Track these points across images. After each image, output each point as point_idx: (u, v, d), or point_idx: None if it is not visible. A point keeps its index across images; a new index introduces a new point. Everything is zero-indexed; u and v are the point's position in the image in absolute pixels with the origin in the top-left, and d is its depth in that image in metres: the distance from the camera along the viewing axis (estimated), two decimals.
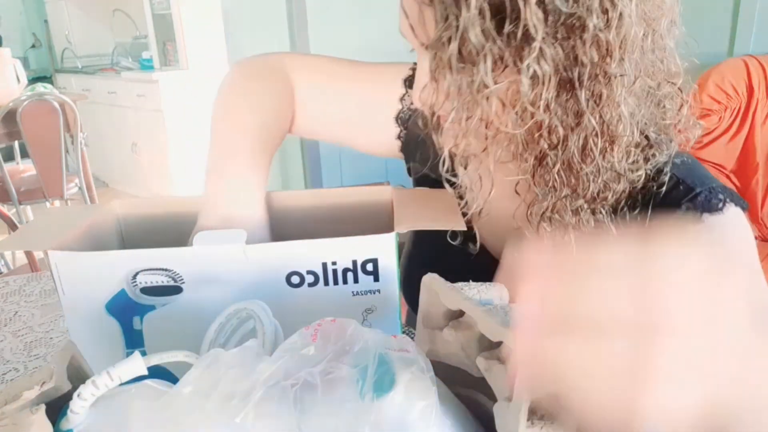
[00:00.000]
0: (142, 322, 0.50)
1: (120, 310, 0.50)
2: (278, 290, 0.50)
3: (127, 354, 0.51)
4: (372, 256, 0.49)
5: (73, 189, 2.79)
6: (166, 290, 0.50)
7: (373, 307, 0.51)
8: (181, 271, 0.49)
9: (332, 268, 0.50)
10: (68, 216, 0.56)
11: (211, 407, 0.32)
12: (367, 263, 0.50)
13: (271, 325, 0.45)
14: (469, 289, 0.39)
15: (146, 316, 0.50)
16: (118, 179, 4.39)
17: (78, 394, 0.34)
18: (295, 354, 0.34)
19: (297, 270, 0.50)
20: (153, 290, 0.50)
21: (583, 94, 0.46)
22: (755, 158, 1.65)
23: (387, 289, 0.51)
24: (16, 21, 4.98)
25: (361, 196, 0.61)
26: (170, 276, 0.49)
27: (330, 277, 0.50)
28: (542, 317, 0.27)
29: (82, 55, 4.65)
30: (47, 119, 2.57)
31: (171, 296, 0.50)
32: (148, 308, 0.50)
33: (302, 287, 0.50)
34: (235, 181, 0.59)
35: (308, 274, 0.50)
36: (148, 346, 0.51)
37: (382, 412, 0.32)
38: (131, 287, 0.49)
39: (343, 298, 0.51)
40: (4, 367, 0.68)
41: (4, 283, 0.91)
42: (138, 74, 3.80)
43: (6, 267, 2.08)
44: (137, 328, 0.51)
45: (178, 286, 0.50)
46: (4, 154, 2.70)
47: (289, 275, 0.50)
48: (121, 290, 0.49)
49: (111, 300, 0.49)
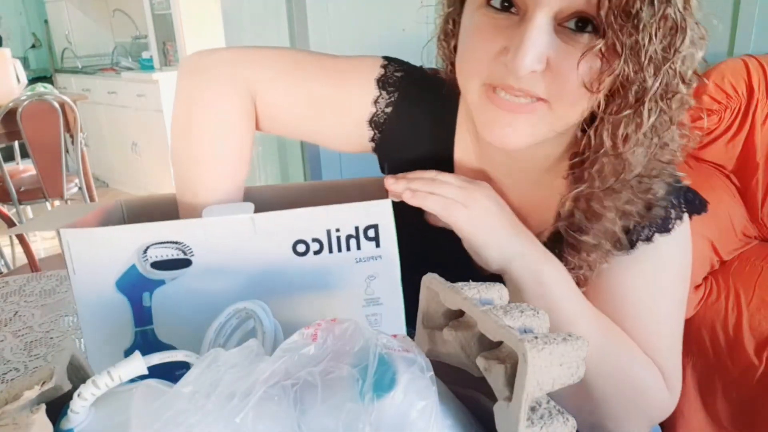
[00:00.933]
0: (152, 298, 0.51)
1: (130, 286, 0.51)
2: (285, 259, 0.52)
3: (136, 333, 0.52)
4: (373, 221, 0.52)
5: (73, 189, 2.78)
6: (176, 263, 0.51)
7: (376, 274, 0.53)
8: (190, 243, 0.50)
9: (336, 235, 0.52)
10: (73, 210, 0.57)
11: (212, 407, 0.32)
12: (368, 229, 0.52)
13: (270, 324, 0.45)
14: (469, 289, 0.39)
15: (156, 291, 0.51)
16: (118, 179, 4.39)
17: (78, 393, 0.34)
18: (296, 354, 0.34)
19: (303, 238, 0.52)
20: (163, 264, 0.51)
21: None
22: (755, 158, 1.65)
23: (388, 255, 0.53)
24: (16, 21, 4.98)
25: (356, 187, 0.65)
26: (180, 249, 0.50)
27: (334, 245, 0.52)
28: None
29: (82, 55, 4.65)
30: (47, 119, 2.57)
31: (181, 270, 0.51)
32: (158, 283, 0.51)
33: (308, 255, 0.52)
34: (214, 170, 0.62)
35: (313, 242, 0.52)
36: (157, 323, 0.52)
37: (382, 412, 0.32)
38: (142, 262, 0.50)
39: (348, 265, 0.53)
40: (5, 367, 0.68)
41: (4, 283, 0.91)
42: (138, 74, 3.80)
43: (6, 267, 2.08)
44: (147, 304, 0.51)
45: (187, 259, 0.51)
46: (4, 154, 2.70)
47: (295, 244, 0.52)
48: (132, 266, 0.50)
49: (122, 277, 0.50)
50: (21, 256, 2.58)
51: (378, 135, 0.68)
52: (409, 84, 0.66)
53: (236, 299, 0.47)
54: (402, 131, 0.67)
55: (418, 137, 0.68)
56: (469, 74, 0.54)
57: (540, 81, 0.50)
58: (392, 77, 0.67)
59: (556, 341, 0.33)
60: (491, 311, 0.36)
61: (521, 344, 0.32)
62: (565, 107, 0.52)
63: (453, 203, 0.57)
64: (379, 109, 0.67)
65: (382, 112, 0.67)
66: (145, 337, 0.52)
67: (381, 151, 0.70)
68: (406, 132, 0.67)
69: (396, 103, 0.66)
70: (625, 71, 0.48)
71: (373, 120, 0.67)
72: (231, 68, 0.63)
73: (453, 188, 0.57)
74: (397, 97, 0.66)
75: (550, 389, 0.33)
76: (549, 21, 0.48)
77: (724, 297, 1.43)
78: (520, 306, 0.37)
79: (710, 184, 1.65)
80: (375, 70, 0.67)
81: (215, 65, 0.63)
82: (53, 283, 0.91)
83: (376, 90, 0.66)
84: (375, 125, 0.67)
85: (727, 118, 1.68)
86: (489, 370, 0.35)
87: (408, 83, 0.66)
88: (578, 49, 0.48)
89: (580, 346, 0.34)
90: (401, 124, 0.67)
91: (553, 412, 0.33)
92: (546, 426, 0.33)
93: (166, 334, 0.52)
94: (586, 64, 0.48)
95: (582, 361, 0.34)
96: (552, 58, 0.49)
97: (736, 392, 1.39)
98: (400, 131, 0.67)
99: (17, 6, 4.98)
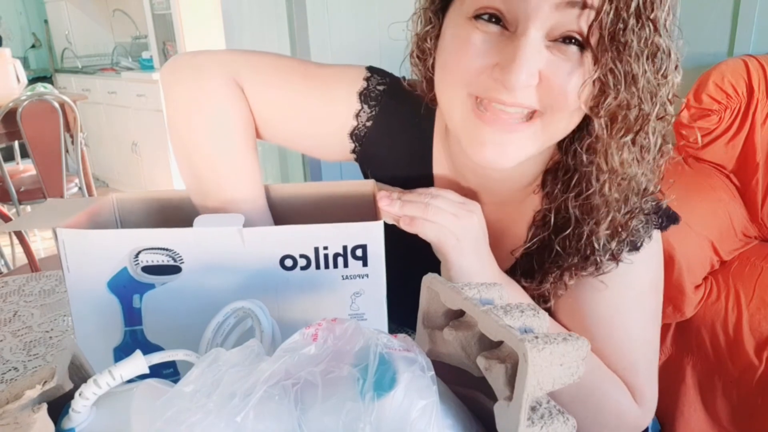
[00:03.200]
0: (142, 300, 0.52)
1: (121, 287, 0.52)
2: (272, 273, 0.52)
3: (125, 332, 0.53)
4: (362, 242, 0.52)
5: (73, 189, 2.79)
6: (166, 269, 0.52)
7: (361, 291, 0.54)
8: (181, 251, 0.51)
9: (324, 253, 0.52)
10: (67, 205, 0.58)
11: (213, 406, 0.32)
12: (356, 249, 0.52)
13: (268, 323, 0.45)
14: (469, 289, 0.39)
15: (146, 294, 0.52)
16: (118, 179, 4.39)
17: (80, 392, 0.34)
18: (296, 353, 0.35)
19: (290, 254, 0.52)
20: (154, 269, 0.52)
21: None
22: (755, 158, 1.65)
23: (375, 273, 0.53)
24: (16, 21, 4.98)
25: (344, 189, 0.63)
26: (170, 256, 0.51)
27: (321, 261, 0.52)
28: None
29: (82, 55, 4.65)
30: (47, 119, 2.57)
31: (170, 275, 0.52)
32: (148, 287, 0.52)
33: (294, 270, 0.52)
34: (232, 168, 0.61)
35: (301, 257, 0.52)
36: (146, 324, 0.53)
37: (383, 412, 0.32)
38: (133, 265, 0.51)
39: (333, 282, 0.53)
40: (4, 367, 0.69)
41: (3, 283, 0.91)
42: (138, 74, 3.80)
43: (6, 267, 2.08)
44: (136, 306, 0.53)
45: (177, 266, 0.52)
46: (4, 154, 2.70)
47: (282, 258, 0.52)
48: (123, 268, 0.51)
49: (113, 278, 0.52)
50: (21, 256, 2.59)
51: (359, 147, 0.68)
52: (390, 98, 0.67)
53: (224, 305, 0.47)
54: (382, 145, 0.68)
55: (397, 152, 0.68)
56: (453, 85, 0.53)
57: (533, 93, 0.50)
58: (374, 91, 0.66)
59: (556, 341, 0.33)
60: (492, 311, 0.36)
61: (522, 344, 0.32)
62: (558, 119, 0.52)
63: (447, 234, 0.55)
64: (360, 122, 0.67)
65: (363, 125, 0.67)
66: (135, 337, 0.53)
67: (362, 162, 0.71)
68: (385, 146, 0.68)
69: (376, 117, 0.66)
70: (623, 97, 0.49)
71: (354, 133, 0.67)
72: (223, 68, 0.63)
73: (448, 216, 0.55)
74: (378, 112, 0.66)
75: (551, 389, 0.33)
76: (541, 37, 0.48)
77: (724, 297, 1.43)
78: (521, 306, 0.38)
79: (710, 184, 1.65)
80: (358, 82, 0.66)
81: (207, 64, 0.63)
82: (53, 283, 0.91)
83: (357, 104, 0.66)
84: (356, 138, 0.67)
85: (727, 118, 1.68)
86: (489, 369, 0.35)
87: (389, 97, 0.67)
88: (569, 61, 0.49)
89: (581, 346, 0.34)
90: (381, 137, 0.67)
91: (554, 411, 0.33)
92: (546, 426, 0.33)
93: (154, 335, 0.54)
94: (576, 77, 0.49)
95: (582, 361, 0.34)
96: (544, 71, 0.49)
97: (736, 392, 1.39)
98: (379, 145, 0.68)
99: (17, 6, 4.98)
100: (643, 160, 0.54)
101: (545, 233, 0.61)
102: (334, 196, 0.63)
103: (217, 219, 0.53)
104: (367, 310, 0.54)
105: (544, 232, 0.61)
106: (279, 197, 0.64)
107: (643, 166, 0.54)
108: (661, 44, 0.48)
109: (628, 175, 0.54)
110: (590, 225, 0.57)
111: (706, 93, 1.67)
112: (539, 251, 0.62)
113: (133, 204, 0.63)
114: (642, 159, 0.54)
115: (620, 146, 0.52)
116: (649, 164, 0.54)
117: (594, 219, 0.56)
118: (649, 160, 0.54)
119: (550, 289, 0.61)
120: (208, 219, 0.53)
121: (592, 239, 0.57)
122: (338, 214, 0.62)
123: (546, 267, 0.61)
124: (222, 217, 0.53)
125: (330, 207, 0.63)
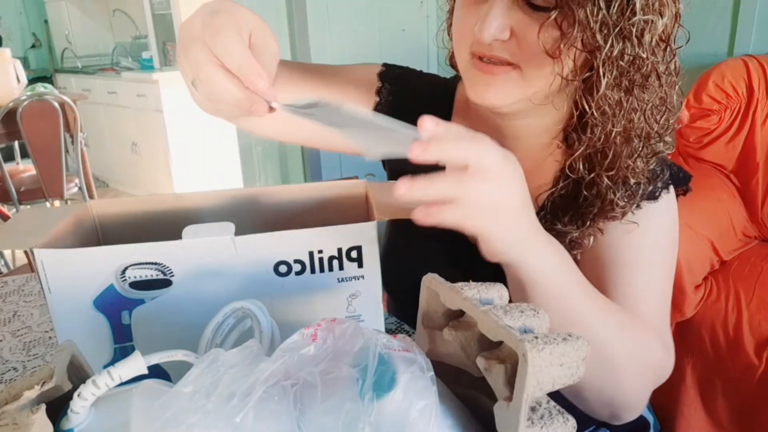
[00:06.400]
0: (131, 316, 0.51)
1: (108, 305, 0.50)
2: (267, 280, 0.51)
3: (115, 349, 0.51)
4: (356, 243, 0.52)
5: (73, 189, 2.79)
6: (155, 284, 0.50)
7: (357, 293, 0.54)
8: (170, 265, 0.49)
9: (318, 257, 0.52)
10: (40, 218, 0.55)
11: (212, 407, 0.32)
12: (351, 251, 0.52)
13: (268, 324, 0.45)
14: (469, 289, 0.39)
15: (135, 310, 0.50)
16: (118, 179, 4.39)
17: (78, 393, 0.34)
18: (295, 354, 0.34)
19: (284, 259, 0.51)
20: (142, 284, 0.50)
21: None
22: (755, 158, 1.65)
23: (370, 274, 0.53)
24: (16, 21, 4.98)
25: (336, 190, 0.63)
26: (160, 269, 0.49)
27: (316, 265, 0.52)
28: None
29: (82, 55, 4.65)
30: (47, 119, 2.57)
31: (161, 290, 0.50)
32: (137, 302, 0.50)
33: (290, 276, 0.52)
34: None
35: (295, 263, 0.52)
36: (137, 340, 0.51)
37: (382, 412, 0.32)
38: (120, 282, 0.49)
39: (329, 285, 0.53)
40: (3, 367, 0.68)
41: (3, 283, 0.91)
42: (138, 74, 3.80)
43: (6, 267, 2.08)
44: (126, 322, 0.51)
45: (167, 279, 0.50)
46: (4, 154, 2.70)
47: (277, 265, 0.51)
48: (110, 285, 0.49)
49: (99, 296, 0.49)
50: (21, 256, 2.59)
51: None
52: (408, 77, 0.76)
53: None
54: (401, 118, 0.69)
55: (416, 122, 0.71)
56: (458, 44, 0.62)
57: (506, 48, 0.57)
58: (393, 73, 0.76)
59: (556, 341, 0.33)
60: (491, 311, 0.36)
61: (521, 344, 0.32)
62: (532, 72, 0.57)
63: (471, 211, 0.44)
64: (383, 98, 0.74)
65: (385, 100, 0.74)
66: (125, 353, 0.51)
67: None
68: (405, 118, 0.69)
69: (396, 92, 0.74)
70: (582, 38, 0.53)
71: (375, 109, 0.73)
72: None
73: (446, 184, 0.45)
74: (398, 88, 0.74)
75: (550, 389, 0.33)
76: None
77: (724, 297, 1.43)
78: (520, 306, 0.37)
79: (710, 184, 1.65)
80: (377, 67, 0.75)
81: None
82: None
83: (378, 82, 0.74)
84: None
85: (727, 118, 1.68)
86: (489, 370, 0.35)
87: (408, 77, 0.76)
88: (540, 19, 0.54)
89: (580, 346, 0.34)
90: (401, 110, 0.71)
91: (553, 412, 0.33)
92: (546, 426, 0.33)
93: (147, 349, 0.51)
94: (546, 34, 0.54)
95: (582, 361, 0.34)
96: (516, 29, 0.55)
97: (736, 392, 1.39)
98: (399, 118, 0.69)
99: (17, 6, 4.98)
100: (643, 101, 0.58)
101: (569, 181, 0.66)
102: (326, 197, 0.63)
103: (206, 229, 0.51)
104: (363, 312, 0.54)
105: (567, 181, 0.66)
106: (270, 202, 0.63)
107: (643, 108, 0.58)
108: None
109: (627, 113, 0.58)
110: (604, 168, 0.61)
111: (706, 93, 1.67)
112: (564, 200, 0.66)
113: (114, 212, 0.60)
114: (641, 100, 0.58)
115: (610, 86, 0.57)
116: (647, 105, 0.58)
117: (604, 166, 0.61)
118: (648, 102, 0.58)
119: (581, 236, 0.65)
120: (197, 229, 0.51)
121: (609, 183, 0.62)
122: (331, 215, 0.62)
123: (570, 215, 0.65)
124: (211, 227, 0.51)
125: (322, 209, 0.63)
